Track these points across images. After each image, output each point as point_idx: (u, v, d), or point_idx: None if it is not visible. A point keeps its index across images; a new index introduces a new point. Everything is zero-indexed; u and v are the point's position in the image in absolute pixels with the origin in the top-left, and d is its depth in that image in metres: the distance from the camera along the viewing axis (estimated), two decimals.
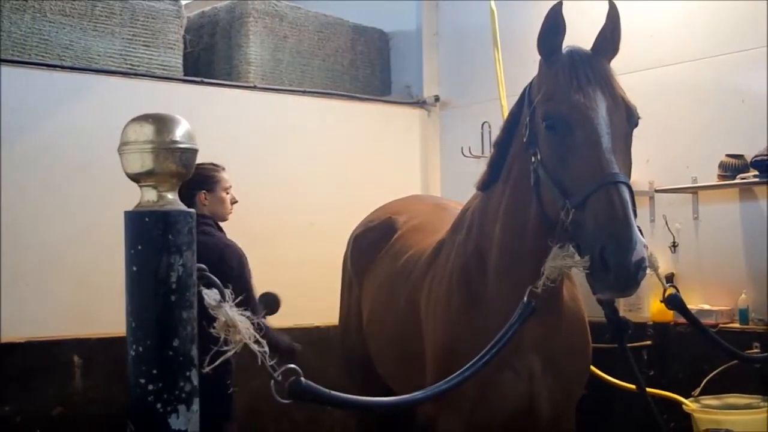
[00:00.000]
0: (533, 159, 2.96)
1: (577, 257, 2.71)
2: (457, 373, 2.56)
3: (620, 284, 2.62)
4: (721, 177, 5.18)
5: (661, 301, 3.25)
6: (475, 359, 2.60)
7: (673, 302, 3.14)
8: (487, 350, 2.63)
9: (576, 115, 2.82)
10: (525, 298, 2.78)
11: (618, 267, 2.58)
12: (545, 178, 2.90)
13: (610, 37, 3.01)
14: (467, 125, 6.57)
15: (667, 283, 5.18)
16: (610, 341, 3.36)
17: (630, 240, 2.58)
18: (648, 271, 2.89)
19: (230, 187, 4.74)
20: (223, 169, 4.75)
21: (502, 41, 4.98)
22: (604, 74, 2.92)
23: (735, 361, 4.81)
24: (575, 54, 2.96)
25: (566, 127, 2.83)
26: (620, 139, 2.83)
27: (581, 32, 3.11)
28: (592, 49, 3.01)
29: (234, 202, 4.77)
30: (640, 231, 2.68)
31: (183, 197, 3.99)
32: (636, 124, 2.95)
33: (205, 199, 4.62)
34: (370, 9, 7.35)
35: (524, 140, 3.03)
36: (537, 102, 2.96)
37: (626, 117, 2.89)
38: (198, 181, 4.41)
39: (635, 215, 2.69)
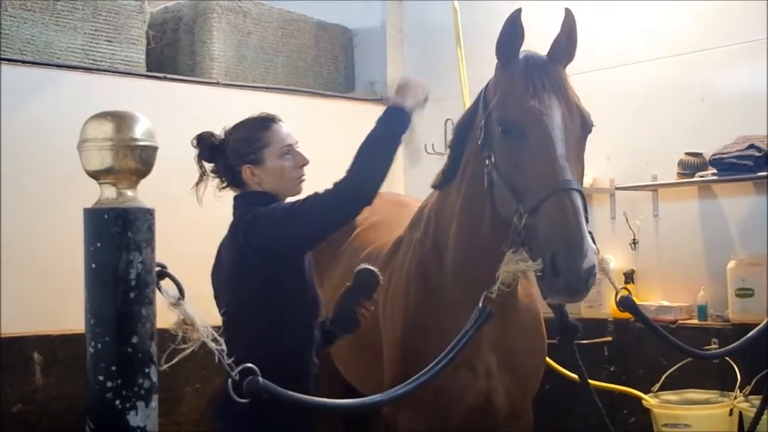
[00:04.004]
0: (487, 162, 2.99)
1: (530, 261, 2.73)
2: (415, 377, 2.58)
3: (570, 290, 2.66)
4: (681, 175, 5.25)
5: (616, 304, 3.28)
6: (432, 363, 2.62)
7: (625, 304, 3.17)
8: (444, 355, 2.66)
9: (531, 121, 2.85)
10: (480, 304, 2.79)
11: (569, 273, 2.62)
12: (499, 181, 2.93)
13: (565, 44, 3.03)
14: (430, 122, 6.58)
15: (626, 279, 5.32)
16: (559, 343, 3.40)
17: (581, 246, 2.62)
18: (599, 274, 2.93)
19: (291, 144, 3.26)
20: (276, 121, 3.30)
21: (464, 40, 5.00)
22: (559, 81, 2.95)
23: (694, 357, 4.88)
24: (531, 59, 2.98)
25: (521, 133, 2.86)
26: (574, 145, 2.87)
27: (540, 35, 3.14)
28: (547, 54, 3.03)
29: (303, 164, 3.29)
30: (593, 238, 2.73)
31: (225, 176, 3.30)
32: (589, 131, 2.97)
33: (253, 175, 3.21)
34: (333, 6, 7.34)
35: (479, 142, 3.05)
36: (492, 106, 2.98)
37: (580, 124, 2.92)
38: (236, 152, 3.24)
39: (587, 221, 2.73)
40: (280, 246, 3.08)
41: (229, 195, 3.34)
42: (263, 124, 3.28)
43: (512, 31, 2.98)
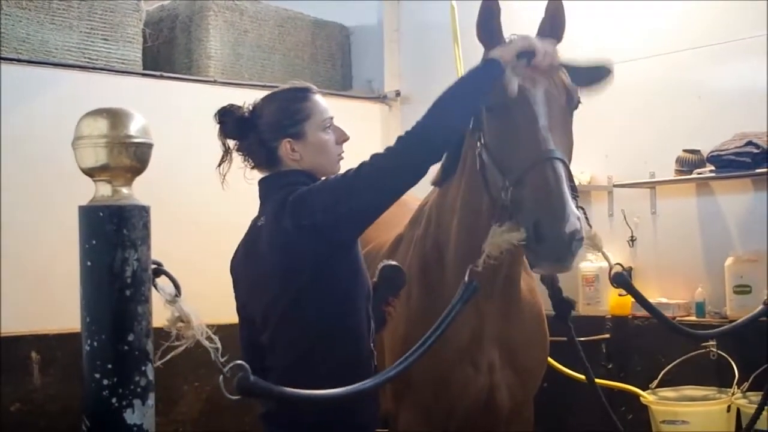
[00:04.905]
0: (478, 144, 3.01)
1: (514, 233, 2.74)
2: (403, 358, 2.52)
3: (555, 255, 2.68)
4: (678, 172, 5.25)
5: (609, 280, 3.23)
6: (419, 343, 2.58)
7: (619, 280, 3.16)
8: (431, 332, 2.62)
9: (514, 96, 2.87)
10: (466, 278, 2.78)
11: (551, 238, 2.64)
12: (488, 160, 2.96)
13: (550, 25, 3.08)
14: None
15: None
16: (554, 320, 3.40)
17: (563, 212, 2.64)
18: (598, 254, 2.94)
19: (332, 117, 3.03)
20: (314, 91, 3.05)
21: (462, 38, 5.00)
22: None
23: (692, 353, 4.90)
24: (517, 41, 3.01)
25: (504, 109, 2.88)
26: (558, 119, 2.89)
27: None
28: (536, 35, 3.06)
29: (344, 140, 3.06)
30: (584, 211, 2.76)
31: (256, 154, 2.97)
32: (576, 106, 3.00)
33: (293, 150, 2.93)
34: (330, 4, 7.34)
35: (470, 127, 3.07)
36: None
37: (565, 98, 2.95)
38: (273, 125, 2.95)
39: (575, 191, 2.77)
40: (340, 221, 2.75)
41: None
42: (302, 94, 3.01)
43: (488, 12, 3.01)
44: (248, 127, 3.00)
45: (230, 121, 3.01)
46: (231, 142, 3.05)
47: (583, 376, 3.61)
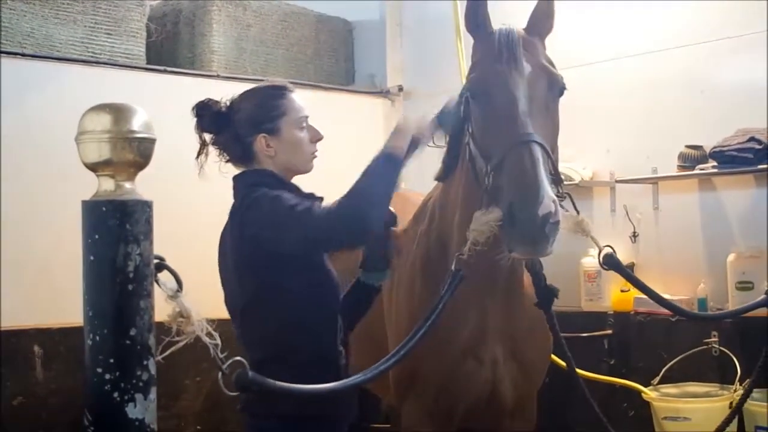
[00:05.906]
0: (467, 134, 3.05)
1: (492, 215, 2.76)
2: (394, 351, 2.55)
3: (528, 238, 2.67)
4: (681, 168, 5.24)
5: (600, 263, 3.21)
6: (410, 335, 2.59)
7: (609, 262, 3.16)
8: (421, 324, 2.63)
9: (494, 81, 2.92)
10: (453, 267, 2.79)
11: (524, 220, 2.64)
12: (474, 149, 2.99)
13: (542, 14, 3.13)
14: (430, 115, 6.57)
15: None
16: (538, 307, 3.40)
17: (536, 194, 2.64)
18: (584, 235, 2.95)
19: (307, 116, 3.07)
20: (290, 89, 3.08)
21: (464, 32, 4.99)
22: (528, 46, 3.00)
23: (694, 350, 4.90)
24: (502, 30, 3.04)
25: (486, 95, 2.93)
26: (540, 104, 2.92)
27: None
28: (526, 27, 3.10)
29: (317, 139, 3.10)
30: (569, 196, 2.83)
31: (231, 149, 3.00)
32: (561, 93, 3.02)
33: (268, 146, 2.96)
34: None
35: (461, 116, 3.10)
36: (466, 77, 3.06)
37: (548, 84, 2.97)
38: (249, 120, 2.98)
39: (555, 175, 2.82)
40: (274, 244, 2.80)
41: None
42: (279, 92, 3.05)
43: (474, 7, 3.08)
44: (225, 122, 3.03)
45: (207, 115, 3.03)
46: (208, 136, 3.08)
47: (587, 372, 3.61)
